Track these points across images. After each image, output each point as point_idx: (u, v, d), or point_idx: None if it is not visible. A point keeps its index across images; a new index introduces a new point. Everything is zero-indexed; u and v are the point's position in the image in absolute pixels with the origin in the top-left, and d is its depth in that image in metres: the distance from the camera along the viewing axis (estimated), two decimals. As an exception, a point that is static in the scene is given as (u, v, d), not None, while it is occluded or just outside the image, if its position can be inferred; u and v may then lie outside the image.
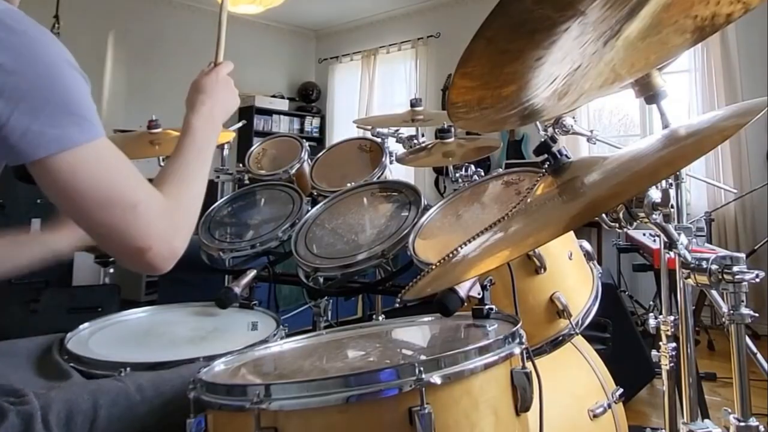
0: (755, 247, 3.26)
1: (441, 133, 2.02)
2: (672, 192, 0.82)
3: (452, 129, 2.01)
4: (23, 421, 0.79)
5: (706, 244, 3.08)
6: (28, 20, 0.73)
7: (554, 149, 0.89)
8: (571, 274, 1.19)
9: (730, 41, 4.14)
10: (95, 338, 1.21)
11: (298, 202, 1.63)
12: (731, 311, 0.82)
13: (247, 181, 1.97)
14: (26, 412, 0.80)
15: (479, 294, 0.99)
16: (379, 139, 2.05)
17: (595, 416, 1.23)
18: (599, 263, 1.41)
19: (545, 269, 1.12)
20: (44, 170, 0.72)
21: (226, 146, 2.15)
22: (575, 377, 1.30)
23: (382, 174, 1.82)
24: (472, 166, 1.99)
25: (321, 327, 1.64)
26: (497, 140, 2.32)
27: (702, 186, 4.11)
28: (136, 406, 0.89)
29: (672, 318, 1.24)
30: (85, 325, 1.25)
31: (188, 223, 0.85)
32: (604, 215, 0.82)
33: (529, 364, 0.82)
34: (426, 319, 1.11)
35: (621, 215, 0.81)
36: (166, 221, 0.79)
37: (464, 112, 0.86)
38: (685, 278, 0.86)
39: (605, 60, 0.79)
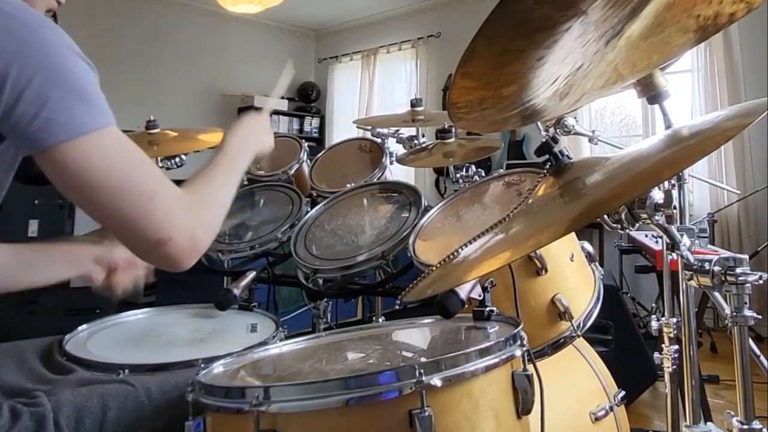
0: (758, 249, 3.25)
1: (441, 134, 2.01)
2: (674, 193, 0.81)
3: (453, 129, 2.00)
4: (36, 422, 0.81)
5: (709, 246, 3.07)
6: (30, 9, 0.73)
7: (556, 150, 0.89)
8: (573, 276, 1.18)
9: (733, 41, 4.12)
10: (94, 340, 1.20)
11: (297, 202, 1.62)
12: (734, 313, 0.81)
13: (246, 182, 1.96)
14: (39, 414, 0.82)
15: (480, 296, 0.98)
16: (379, 140, 2.04)
17: (596, 419, 1.22)
18: (601, 265, 1.40)
19: (546, 271, 1.11)
20: (54, 159, 0.70)
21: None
22: (577, 380, 1.30)
23: (382, 175, 1.81)
24: (473, 167, 1.98)
25: (320, 329, 1.63)
26: (498, 140, 2.32)
27: (705, 187, 4.10)
28: (144, 409, 0.89)
29: (674, 320, 1.23)
30: (84, 326, 1.25)
31: (211, 220, 0.83)
32: (605, 216, 0.82)
33: (530, 367, 0.81)
34: (426, 320, 1.11)
35: (623, 216, 0.81)
36: (185, 213, 0.77)
37: (465, 112, 0.86)
38: (688, 280, 0.85)
39: (607, 60, 0.78)
